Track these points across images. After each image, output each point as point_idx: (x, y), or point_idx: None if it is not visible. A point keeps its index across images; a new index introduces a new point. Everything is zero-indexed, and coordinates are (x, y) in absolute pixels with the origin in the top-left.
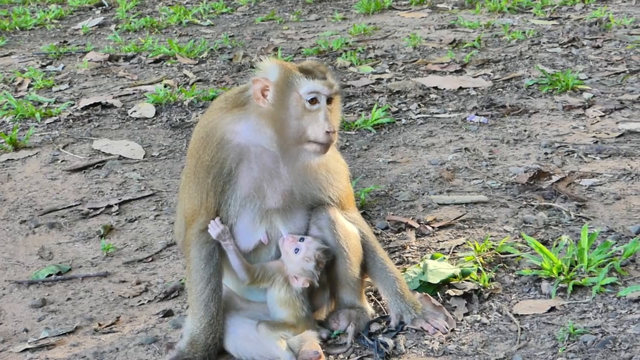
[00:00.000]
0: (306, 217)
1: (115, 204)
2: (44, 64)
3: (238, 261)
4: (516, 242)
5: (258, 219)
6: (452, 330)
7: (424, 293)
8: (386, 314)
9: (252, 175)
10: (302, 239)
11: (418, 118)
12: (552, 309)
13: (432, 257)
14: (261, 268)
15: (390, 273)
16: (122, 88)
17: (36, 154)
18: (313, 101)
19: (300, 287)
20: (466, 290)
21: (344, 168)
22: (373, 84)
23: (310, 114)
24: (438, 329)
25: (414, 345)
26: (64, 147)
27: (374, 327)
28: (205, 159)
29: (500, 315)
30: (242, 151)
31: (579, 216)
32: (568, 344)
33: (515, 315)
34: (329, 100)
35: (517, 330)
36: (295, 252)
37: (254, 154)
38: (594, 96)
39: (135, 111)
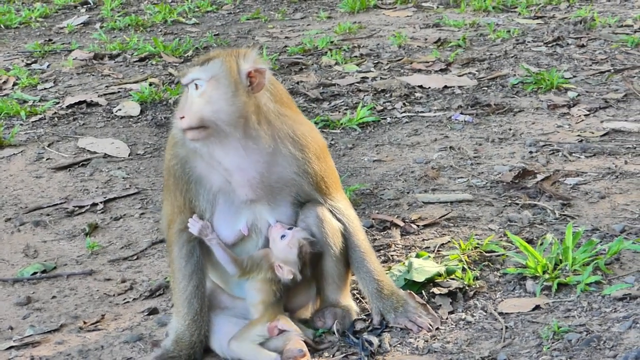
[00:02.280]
0: (294, 209)
1: (101, 202)
2: (28, 62)
3: (224, 254)
4: (501, 240)
5: (236, 211)
6: (437, 329)
7: (409, 291)
8: (371, 312)
9: (211, 166)
10: (290, 228)
11: (403, 117)
12: (537, 307)
13: (417, 256)
14: (249, 258)
15: (370, 270)
16: (107, 86)
17: (21, 152)
18: (187, 88)
19: (284, 277)
20: (451, 289)
21: (316, 144)
22: (358, 82)
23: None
24: (422, 328)
25: (399, 344)
26: (49, 146)
27: (359, 325)
28: (166, 159)
29: (485, 313)
30: (195, 147)
31: (564, 215)
32: (553, 342)
33: (500, 313)
34: (197, 87)
35: (501, 329)
36: (281, 239)
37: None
38: (578, 95)
39: (120, 109)
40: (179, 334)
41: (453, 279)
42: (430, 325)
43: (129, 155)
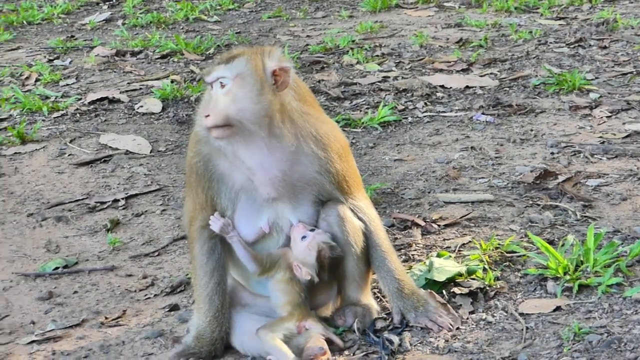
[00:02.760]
0: (316, 208)
1: (122, 199)
2: (51, 58)
3: (244, 252)
4: (522, 241)
5: (258, 209)
6: (457, 329)
7: (429, 290)
8: (391, 311)
9: (234, 165)
10: (312, 230)
11: (424, 116)
12: (558, 308)
13: (438, 255)
14: (268, 255)
15: (391, 269)
16: (129, 83)
17: (43, 147)
18: (211, 86)
19: (302, 277)
20: (472, 289)
21: (339, 144)
22: (379, 81)
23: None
24: (443, 327)
25: (419, 343)
26: (71, 141)
27: (380, 324)
28: (189, 156)
29: (505, 313)
30: (219, 145)
31: (585, 216)
32: (573, 344)
33: (521, 314)
34: (223, 85)
35: (522, 329)
36: (302, 240)
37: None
38: (600, 96)
39: (142, 106)
40: (200, 331)
41: (474, 279)
42: (451, 325)
43: (150, 152)
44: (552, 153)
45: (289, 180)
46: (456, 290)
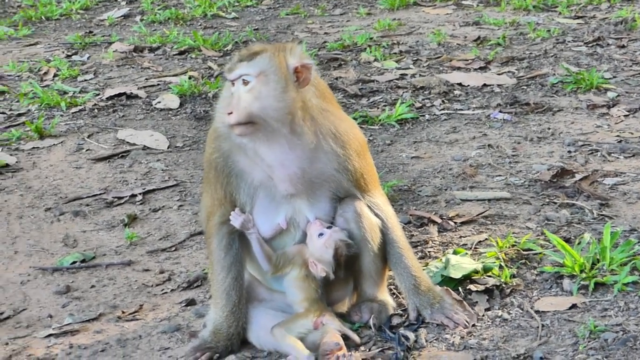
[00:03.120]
0: (333, 204)
1: (139, 194)
2: (69, 53)
3: (260, 250)
4: (538, 239)
5: (275, 205)
6: (473, 325)
7: (445, 287)
8: (407, 307)
9: (253, 161)
10: (329, 227)
11: (442, 114)
12: (574, 306)
13: (455, 252)
14: (282, 255)
15: (408, 266)
16: (146, 79)
17: (61, 142)
18: (232, 83)
19: (318, 274)
20: (488, 286)
21: (357, 142)
22: (397, 79)
23: (232, 96)
24: (458, 324)
25: (435, 339)
26: (88, 137)
27: (396, 320)
28: (207, 152)
29: (521, 311)
30: (240, 142)
31: (602, 215)
32: (589, 341)
33: (537, 311)
34: (246, 82)
35: (538, 327)
36: (319, 237)
37: (243, 141)
38: (618, 95)
39: (159, 102)
40: (216, 325)
41: (490, 276)
42: (467, 322)
43: (168, 148)
44: (569, 151)
45: (308, 177)
46: (472, 287)
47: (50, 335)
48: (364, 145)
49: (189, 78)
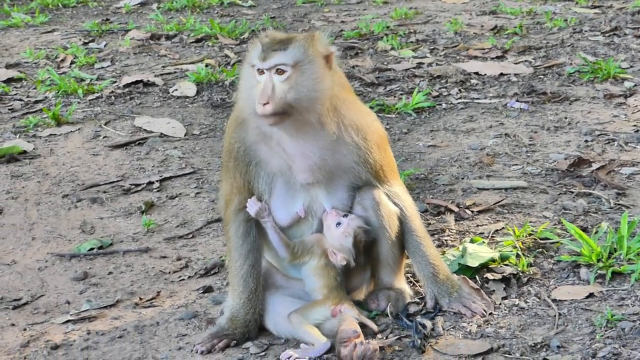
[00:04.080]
0: (350, 193)
1: (157, 181)
2: (86, 41)
3: (277, 238)
4: (555, 228)
5: (293, 193)
6: (490, 314)
7: (463, 276)
8: (424, 296)
9: (273, 151)
10: (345, 215)
11: (458, 103)
12: (591, 295)
13: (472, 241)
14: (300, 243)
15: (426, 254)
16: (163, 67)
17: (78, 129)
18: (260, 72)
19: (338, 263)
20: (505, 275)
21: (378, 135)
22: (414, 68)
23: (258, 85)
24: (476, 313)
25: (452, 328)
26: (105, 124)
27: (413, 309)
28: (227, 141)
29: (538, 300)
30: (259, 128)
31: (619, 204)
32: (606, 330)
33: (554, 300)
34: (281, 72)
35: (555, 315)
36: (337, 226)
37: (270, 131)
38: (635, 85)
39: (176, 90)
40: (234, 312)
41: (507, 265)
42: (484, 310)
43: (184, 135)
44: (586, 141)
45: (327, 168)
46: (489, 276)
47: (68, 321)
48: (384, 139)
49: (206, 66)
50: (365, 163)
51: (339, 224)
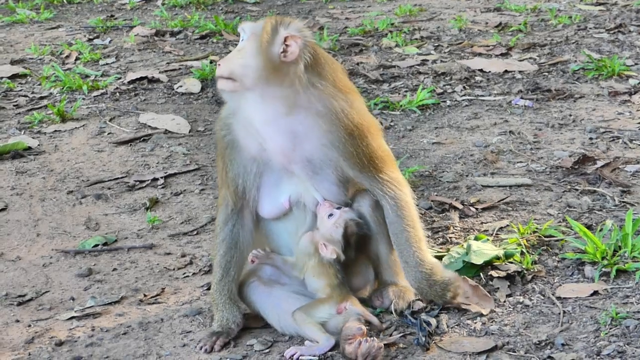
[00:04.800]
0: (339, 186)
1: (161, 177)
2: (91, 37)
3: (284, 266)
4: (560, 225)
5: (278, 184)
6: (492, 311)
7: (463, 276)
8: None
9: (247, 131)
10: (339, 207)
11: (463, 100)
12: (595, 292)
13: (476, 238)
14: (297, 252)
15: (417, 260)
16: (168, 63)
17: (83, 125)
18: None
19: (328, 256)
20: (509, 272)
21: (352, 122)
22: (418, 65)
23: None
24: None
25: (456, 325)
26: (110, 120)
27: (417, 306)
28: (217, 136)
29: (542, 297)
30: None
31: (623, 201)
32: (610, 328)
33: (558, 298)
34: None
35: (559, 313)
36: (329, 218)
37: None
38: None
39: (181, 86)
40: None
41: (511, 262)
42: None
43: (189, 132)
44: (591, 138)
45: (303, 154)
46: (494, 273)
47: (72, 317)
48: (370, 126)
49: (210, 62)
50: (345, 152)
51: (331, 215)
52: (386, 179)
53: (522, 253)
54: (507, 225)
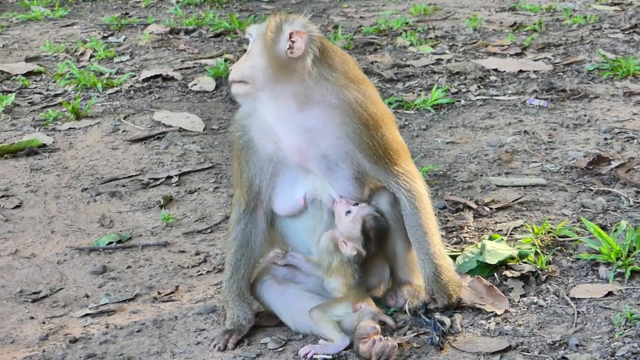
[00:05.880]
0: (355, 183)
1: (175, 175)
2: (105, 35)
3: (306, 265)
4: (574, 226)
5: (293, 181)
6: (506, 311)
7: (477, 276)
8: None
9: (263, 131)
10: (356, 204)
11: (477, 99)
12: (610, 293)
13: (490, 238)
14: (319, 252)
15: (430, 252)
16: (182, 61)
17: (97, 123)
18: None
19: (348, 253)
20: (523, 272)
21: (367, 113)
22: (433, 64)
23: None
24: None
25: (470, 325)
26: (124, 118)
27: (431, 305)
28: (233, 137)
29: (557, 298)
30: (248, 109)
31: (638, 202)
32: (625, 329)
33: (572, 298)
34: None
35: (573, 314)
36: (346, 215)
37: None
38: None
39: (195, 84)
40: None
41: (526, 262)
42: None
43: (203, 130)
44: (606, 139)
45: (318, 150)
46: (508, 273)
47: (86, 315)
48: (376, 118)
49: (225, 60)
50: (361, 143)
51: (348, 212)
52: (401, 172)
53: (536, 253)
54: (522, 225)
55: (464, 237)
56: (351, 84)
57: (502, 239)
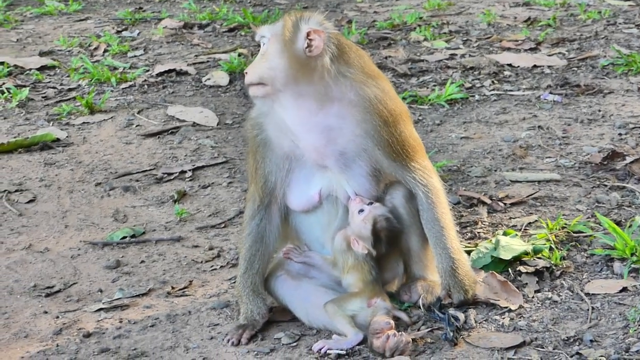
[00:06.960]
0: (372, 180)
1: (189, 170)
2: (119, 29)
3: (322, 263)
4: (589, 221)
5: (308, 177)
6: (521, 307)
7: (491, 271)
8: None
9: (280, 130)
10: (370, 203)
11: (491, 95)
12: (624, 289)
13: (504, 234)
14: (334, 251)
15: (447, 247)
16: (196, 56)
17: (111, 118)
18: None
19: (359, 251)
20: (538, 268)
21: (386, 109)
22: (447, 59)
23: None
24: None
25: (485, 320)
26: (138, 112)
27: (445, 301)
28: (248, 135)
29: (571, 293)
30: (264, 110)
31: None
32: (639, 325)
33: (587, 294)
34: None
35: (588, 309)
36: (359, 213)
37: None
38: None
39: (209, 79)
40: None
41: (540, 258)
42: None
43: (217, 125)
44: (620, 134)
45: (336, 148)
46: (522, 268)
47: (100, 309)
48: (395, 114)
49: (239, 55)
50: (377, 141)
51: (361, 210)
52: (418, 167)
53: (550, 249)
54: (536, 220)
55: (478, 232)
56: (369, 80)
57: (517, 235)
